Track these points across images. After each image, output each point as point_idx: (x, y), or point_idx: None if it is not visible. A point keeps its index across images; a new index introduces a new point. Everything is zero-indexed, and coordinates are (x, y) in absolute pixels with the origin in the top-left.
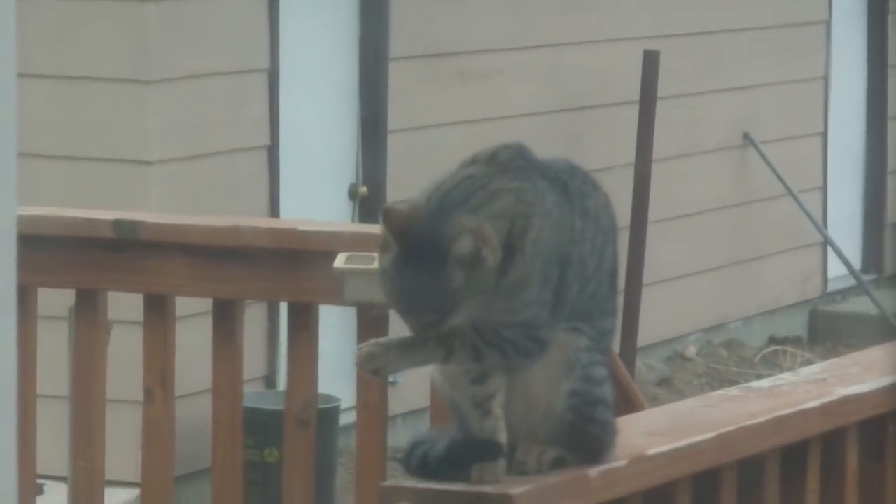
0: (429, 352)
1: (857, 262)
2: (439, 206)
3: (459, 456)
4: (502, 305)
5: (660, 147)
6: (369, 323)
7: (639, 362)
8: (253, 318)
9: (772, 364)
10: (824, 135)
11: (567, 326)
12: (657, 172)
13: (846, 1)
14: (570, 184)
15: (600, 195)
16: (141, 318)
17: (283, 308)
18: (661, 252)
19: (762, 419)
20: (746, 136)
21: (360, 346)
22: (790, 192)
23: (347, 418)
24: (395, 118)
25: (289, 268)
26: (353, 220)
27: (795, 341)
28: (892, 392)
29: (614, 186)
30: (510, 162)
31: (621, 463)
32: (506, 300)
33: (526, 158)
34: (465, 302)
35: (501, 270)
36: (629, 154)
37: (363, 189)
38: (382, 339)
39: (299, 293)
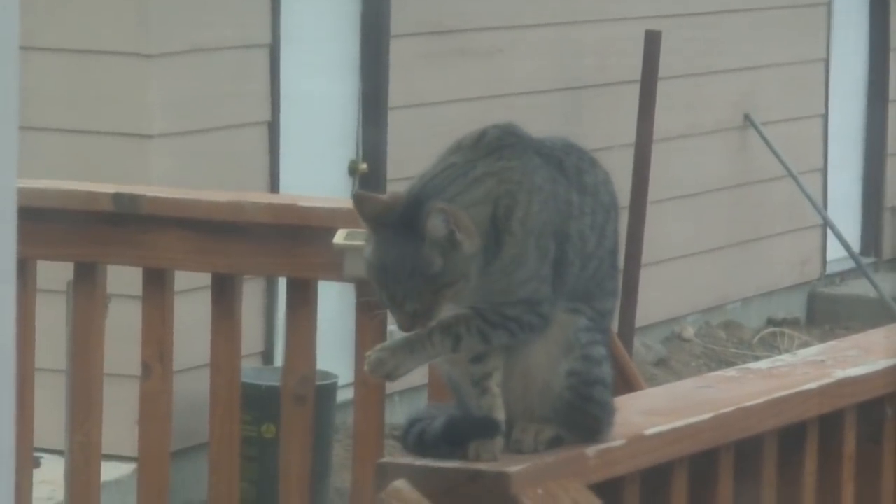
0: (436, 346)
1: (856, 245)
2: (418, 197)
3: (457, 433)
4: (500, 286)
5: (660, 127)
6: (370, 315)
7: (637, 342)
8: (251, 294)
9: (770, 346)
10: (825, 116)
11: (567, 307)
12: (657, 152)
13: None
14: (566, 160)
15: (599, 172)
16: (139, 292)
17: (282, 284)
18: (660, 232)
19: (760, 400)
20: (747, 116)
21: (367, 353)
22: (790, 174)
23: (345, 395)
24: (395, 95)
25: (288, 243)
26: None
27: (793, 323)
28: (890, 375)
29: (614, 166)
30: (497, 141)
31: (619, 442)
32: (503, 280)
33: (517, 136)
34: (447, 288)
35: (490, 255)
36: (630, 134)
37: (363, 165)
38: (388, 343)
39: (298, 269)
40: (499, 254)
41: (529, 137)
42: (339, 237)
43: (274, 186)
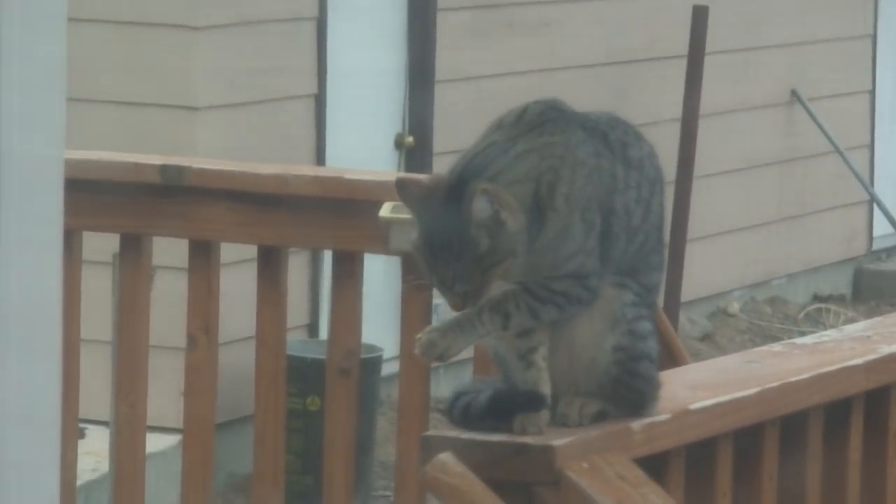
0: (486, 324)
1: None
2: (460, 177)
3: (502, 407)
4: (547, 261)
5: (707, 102)
6: (412, 285)
7: (682, 317)
8: (297, 267)
9: (815, 322)
10: (872, 92)
11: (613, 281)
12: (704, 127)
13: None
14: (611, 134)
15: (644, 146)
16: (185, 264)
17: (328, 256)
18: (706, 207)
19: (805, 376)
20: (794, 92)
21: (418, 336)
22: (837, 150)
23: (390, 368)
24: (442, 68)
25: (334, 216)
26: (398, 170)
27: (839, 299)
28: None
29: (661, 141)
30: (539, 116)
31: (664, 417)
32: (549, 255)
33: (559, 110)
34: (495, 267)
35: (535, 231)
36: (676, 108)
37: (409, 139)
38: (438, 325)
39: (344, 242)
40: (544, 229)
41: (573, 112)
42: (385, 210)
43: (320, 159)
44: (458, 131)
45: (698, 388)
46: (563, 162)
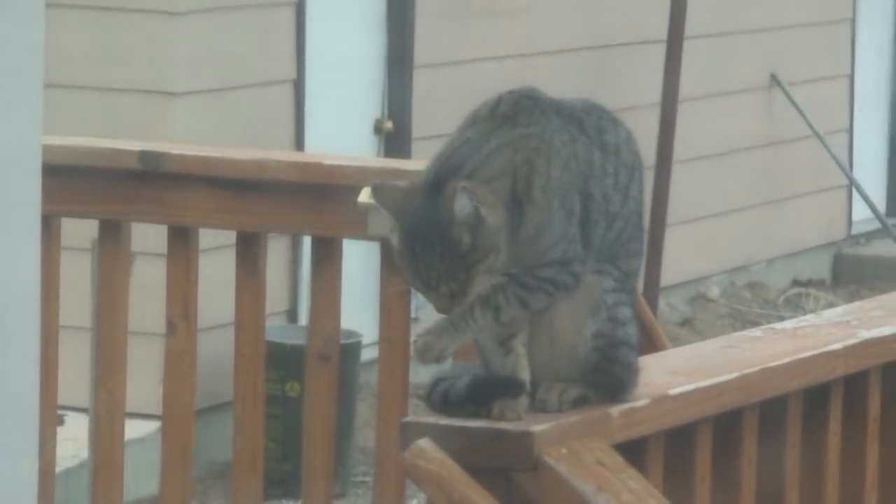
0: (478, 320)
1: (882, 205)
2: (437, 177)
3: (481, 393)
4: (530, 251)
5: (686, 86)
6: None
7: (661, 302)
8: (276, 252)
9: (795, 306)
10: (851, 77)
11: (593, 268)
12: (683, 112)
13: None
14: (586, 120)
15: (621, 131)
16: (164, 249)
17: (307, 242)
18: (685, 192)
19: (785, 361)
20: (773, 77)
21: (413, 339)
22: (816, 134)
23: (369, 354)
24: (421, 53)
25: (313, 201)
26: (378, 155)
27: (819, 284)
28: None
29: (640, 125)
30: (513, 107)
31: (643, 402)
32: (531, 246)
33: (533, 98)
34: (479, 264)
35: (516, 225)
36: (655, 93)
37: (389, 124)
38: (431, 327)
39: (323, 227)
40: (524, 222)
41: (548, 99)
42: (364, 195)
43: (299, 144)
44: (437, 116)
45: (677, 373)
46: (538, 153)
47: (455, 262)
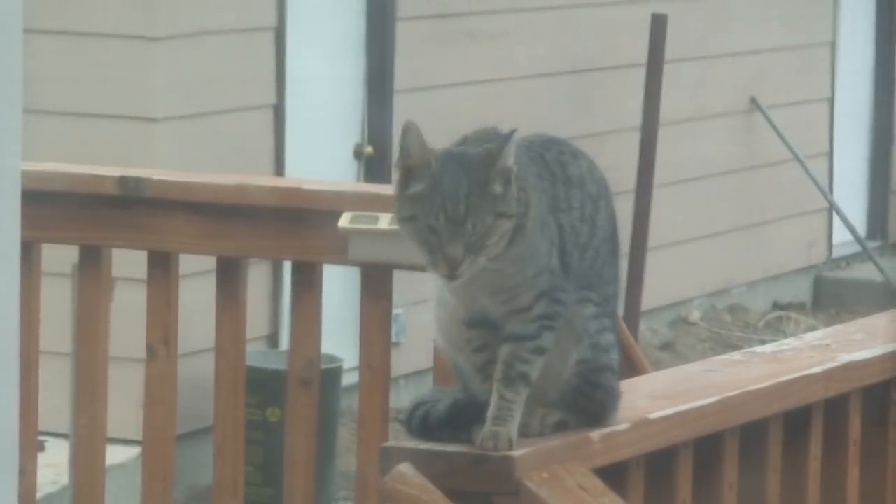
0: (519, 394)
1: (862, 229)
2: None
3: (461, 417)
4: (521, 280)
5: (666, 110)
6: (373, 287)
7: (643, 326)
8: (257, 277)
9: (775, 330)
10: (831, 100)
11: (574, 298)
12: (663, 136)
13: None
14: (547, 155)
15: (583, 161)
16: (145, 275)
17: (288, 267)
18: (666, 216)
19: (765, 384)
20: (753, 100)
21: (480, 438)
22: (796, 158)
23: (350, 378)
24: (401, 78)
25: (293, 226)
26: (358, 180)
27: (799, 307)
28: (895, 358)
29: (620, 149)
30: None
31: (623, 426)
32: (520, 276)
33: (497, 135)
34: (502, 220)
35: (514, 239)
36: (636, 117)
37: (369, 149)
38: (489, 416)
39: (303, 252)
40: (515, 243)
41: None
42: (345, 220)
43: (279, 169)
44: None
45: (658, 397)
46: (525, 183)
47: (483, 200)
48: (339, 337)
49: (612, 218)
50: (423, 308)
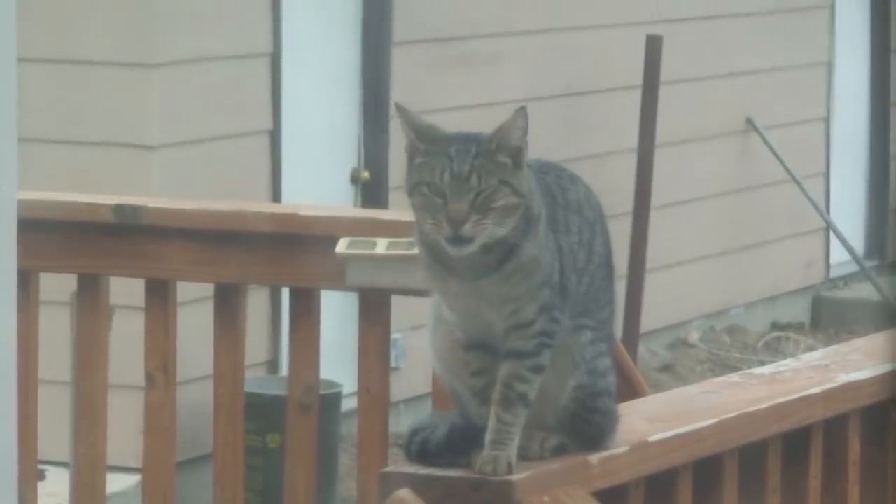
0: (517, 416)
1: (859, 248)
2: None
3: (459, 442)
4: (525, 290)
5: (662, 132)
6: (371, 313)
7: (641, 348)
8: (255, 303)
9: (774, 350)
10: (827, 120)
11: (570, 326)
12: (660, 157)
13: None
14: (546, 179)
15: (580, 187)
16: (143, 303)
17: (286, 292)
18: (663, 237)
19: (764, 405)
20: (749, 121)
21: (479, 463)
22: (793, 178)
23: (349, 404)
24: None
25: (290, 252)
26: (355, 205)
27: (798, 327)
28: (893, 378)
29: (617, 171)
30: None
31: (622, 449)
32: (526, 283)
33: None
34: (508, 189)
35: (527, 225)
36: (632, 139)
37: (365, 174)
38: (488, 441)
39: (301, 278)
40: (526, 242)
41: None
42: (342, 246)
43: (276, 195)
44: None
45: (656, 419)
46: (535, 189)
47: (490, 163)
48: (339, 362)
49: (607, 244)
50: (422, 333)
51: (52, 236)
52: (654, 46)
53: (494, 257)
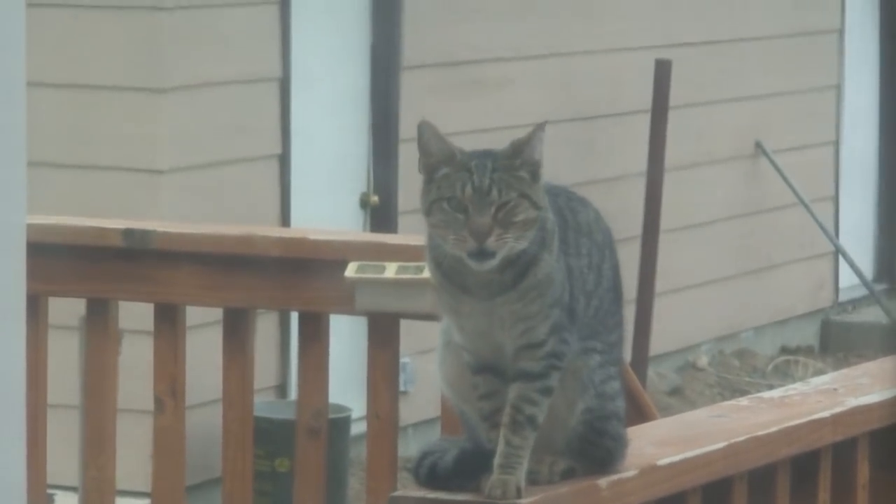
0: (526, 439)
1: (868, 272)
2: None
3: (468, 467)
4: (538, 308)
5: (671, 156)
6: (380, 337)
7: (651, 371)
8: (264, 328)
9: (783, 374)
10: (836, 144)
11: (578, 349)
12: (669, 181)
13: (858, 9)
14: (557, 201)
15: (589, 210)
16: (152, 327)
17: (295, 317)
18: (672, 261)
19: (773, 429)
20: (758, 144)
21: (489, 487)
22: (802, 202)
23: (358, 428)
24: (406, 127)
25: (299, 277)
26: (364, 229)
27: (807, 351)
28: None
29: (626, 195)
30: None
31: (631, 473)
32: (540, 300)
33: None
34: (527, 202)
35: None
36: (641, 163)
37: (374, 198)
38: (497, 464)
39: (310, 302)
40: (541, 259)
41: None
42: (351, 270)
43: (285, 220)
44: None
45: (665, 443)
46: (546, 223)
47: (510, 177)
48: (348, 386)
49: (615, 268)
50: (431, 357)
51: (62, 260)
52: (663, 71)
53: (511, 275)
